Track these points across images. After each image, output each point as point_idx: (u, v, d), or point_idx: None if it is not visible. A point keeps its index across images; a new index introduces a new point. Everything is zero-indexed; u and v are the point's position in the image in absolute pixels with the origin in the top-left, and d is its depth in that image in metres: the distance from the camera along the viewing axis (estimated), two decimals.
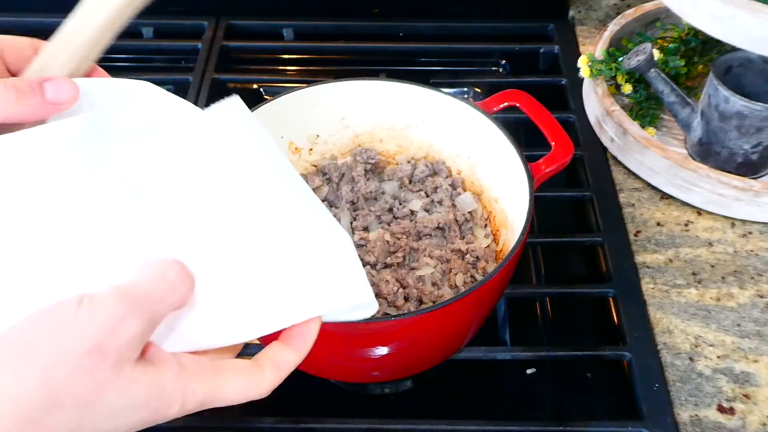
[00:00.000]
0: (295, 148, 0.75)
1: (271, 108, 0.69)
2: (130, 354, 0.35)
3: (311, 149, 0.76)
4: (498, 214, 0.71)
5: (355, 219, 0.72)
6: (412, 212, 0.73)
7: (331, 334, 0.56)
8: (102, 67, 1.07)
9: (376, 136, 0.76)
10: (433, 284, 0.66)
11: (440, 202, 0.73)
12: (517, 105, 0.69)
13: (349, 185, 0.74)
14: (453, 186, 0.74)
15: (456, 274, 0.66)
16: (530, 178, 0.62)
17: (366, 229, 0.71)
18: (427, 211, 0.73)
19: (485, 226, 0.72)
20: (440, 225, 0.70)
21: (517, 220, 0.64)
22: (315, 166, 0.76)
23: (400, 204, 0.74)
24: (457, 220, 0.71)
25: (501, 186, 0.70)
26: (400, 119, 0.75)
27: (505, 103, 0.70)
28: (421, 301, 0.64)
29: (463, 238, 0.70)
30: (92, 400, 0.34)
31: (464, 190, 0.74)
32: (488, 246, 0.70)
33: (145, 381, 0.36)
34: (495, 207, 0.71)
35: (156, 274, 0.37)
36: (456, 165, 0.75)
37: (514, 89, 0.71)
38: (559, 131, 0.67)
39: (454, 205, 0.72)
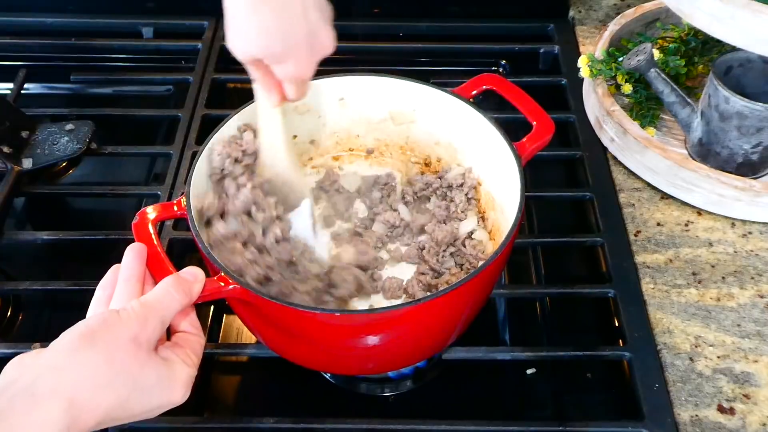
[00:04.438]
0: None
1: None
2: (151, 345, 0.48)
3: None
4: (484, 196, 0.71)
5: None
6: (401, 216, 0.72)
7: (324, 324, 0.56)
8: (103, 67, 1.06)
9: (353, 131, 0.76)
10: None
11: (428, 198, 0.73)
12: (494, 88, 0.69)
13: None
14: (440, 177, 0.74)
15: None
16: (517, 156, 0.62)
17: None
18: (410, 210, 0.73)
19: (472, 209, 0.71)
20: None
21: (506, 201, 0.65)
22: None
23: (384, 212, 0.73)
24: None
25: (483, 168, 0.70)
26: (375, 112, 0.75)
27: (483, 87, 0.70)
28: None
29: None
30: (136, 375, 0.45)
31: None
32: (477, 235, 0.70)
33: (164, 366, 0.47)
34: (480, 190, 0.71)
35: (161, 287, 0.50)
36: (435, 153, 0.75)
37: (488, 73, 0.71)
38: (537, 110, 0.67)
39: (439, 197, 0.72)
